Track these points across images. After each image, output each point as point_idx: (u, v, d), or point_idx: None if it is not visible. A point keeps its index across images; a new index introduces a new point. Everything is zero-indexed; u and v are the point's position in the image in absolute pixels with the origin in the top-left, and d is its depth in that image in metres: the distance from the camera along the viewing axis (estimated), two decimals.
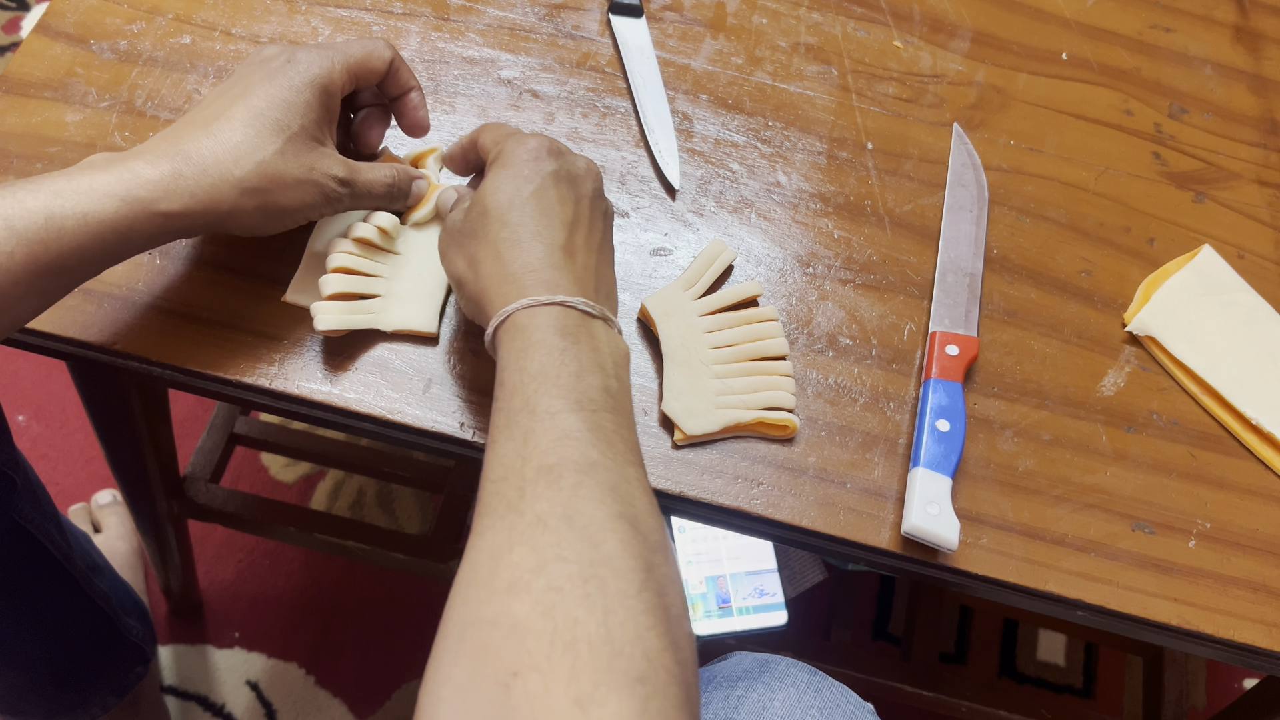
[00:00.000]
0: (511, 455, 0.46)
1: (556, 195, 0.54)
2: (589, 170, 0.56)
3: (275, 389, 0.58)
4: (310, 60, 0.56)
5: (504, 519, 0.43)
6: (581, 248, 0.53)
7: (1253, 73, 0.80)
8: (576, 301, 0.50)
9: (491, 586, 0.41)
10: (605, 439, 0.46)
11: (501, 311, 0.50)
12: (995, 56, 0.78)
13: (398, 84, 0.61)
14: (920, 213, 0.70)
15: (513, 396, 0.48)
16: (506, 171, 0.54)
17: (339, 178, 0.57)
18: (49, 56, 0.66)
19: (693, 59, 0.74)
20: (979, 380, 0.65)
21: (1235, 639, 0.59)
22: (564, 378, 0.48)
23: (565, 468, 0.44)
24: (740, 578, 0.91)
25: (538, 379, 0.47)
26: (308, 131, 0.55)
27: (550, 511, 0.43)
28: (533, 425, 0.46)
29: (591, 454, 0.45)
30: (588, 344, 0.50)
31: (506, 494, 0.44)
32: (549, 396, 0.47)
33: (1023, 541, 0.60)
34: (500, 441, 0.47)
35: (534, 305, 0.50)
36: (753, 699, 0.53)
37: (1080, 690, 1.18)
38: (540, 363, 0.48)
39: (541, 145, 0.55)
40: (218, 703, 1.09)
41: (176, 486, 0.92)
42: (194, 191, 0.52)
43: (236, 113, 0.54)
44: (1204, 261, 0.70)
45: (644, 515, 0.45)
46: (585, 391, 0.48)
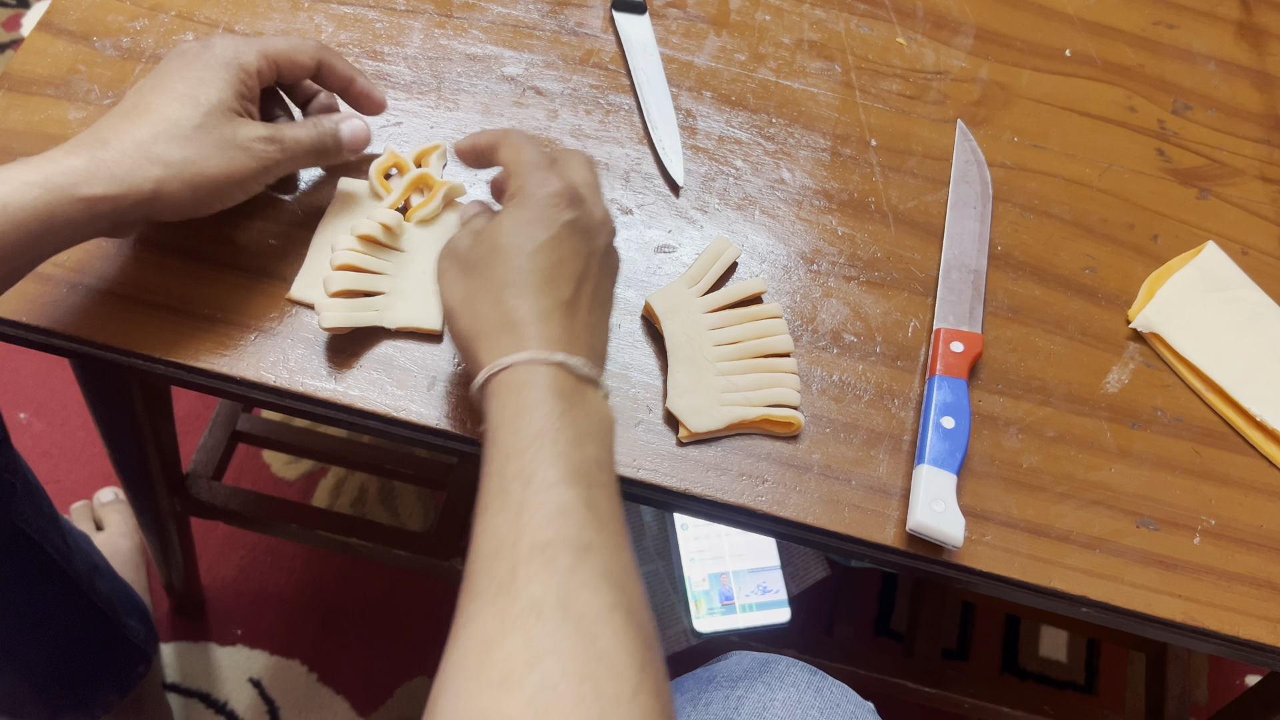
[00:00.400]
0: (504, 528, 0.44)
1: (571, 247, 0.52)
2: (604, 223, 0.55)
3: (279, 386, 0.58)
4: (225, 43, 0.57)
5: (495, 603, 0.41)
6: (585, 305, 0.52)
7: (1256, 69, 0.80)
8: (576, 363, 0.49)
9: (481, 679, 0.39)
10: (599, 518, 0.44)
11: (497, 362, 0.49)
12: (999, 53, 0.78)
13: (336, 77, 0.62)
14: (924, 209, 0.70)
15: (507, 462, 0.46)
16: (524, 213, 0.52)
17: (263, 137, 0.57)
18: (51, 54, 0.66)
19: (696, 55, 0.74)
20: (983, 377, 0.65)
21: (1240, 635, 0.59)
22: (561, 445, 0.46)
23: (561, 547, 0.42)
24: (743, 575, 0.91)
25: (535, 444, 0.45)
26: (225, 104, 0.55)
27: (545, 598, 0.41)
28: (527, 496, 0.44)
29: (588, 534, 0.43)
30: (582, 410, 0.48)
31: (498, 573, 0.42)
32: (545, 465, 0.45)
33: (1027, 538, 0.60)
34: (492, 511, 0.45)
35: (533, 362, 0.48)
36: (753, 699, 0.52)
37: (1083, 686, 1.19)
38: (538, 425, 0.46)
39: (563, 191, 0.53)
40: (220, 700, 1.09)
41: (179, 484, 0.92)
42: (114, 173, 0.52)
43: (153, 98, 0.54)
44: (1208, 258, 0.70)
45: (638, 606, 0.43)
46: (581, 463, 0.46)
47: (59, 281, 0.59)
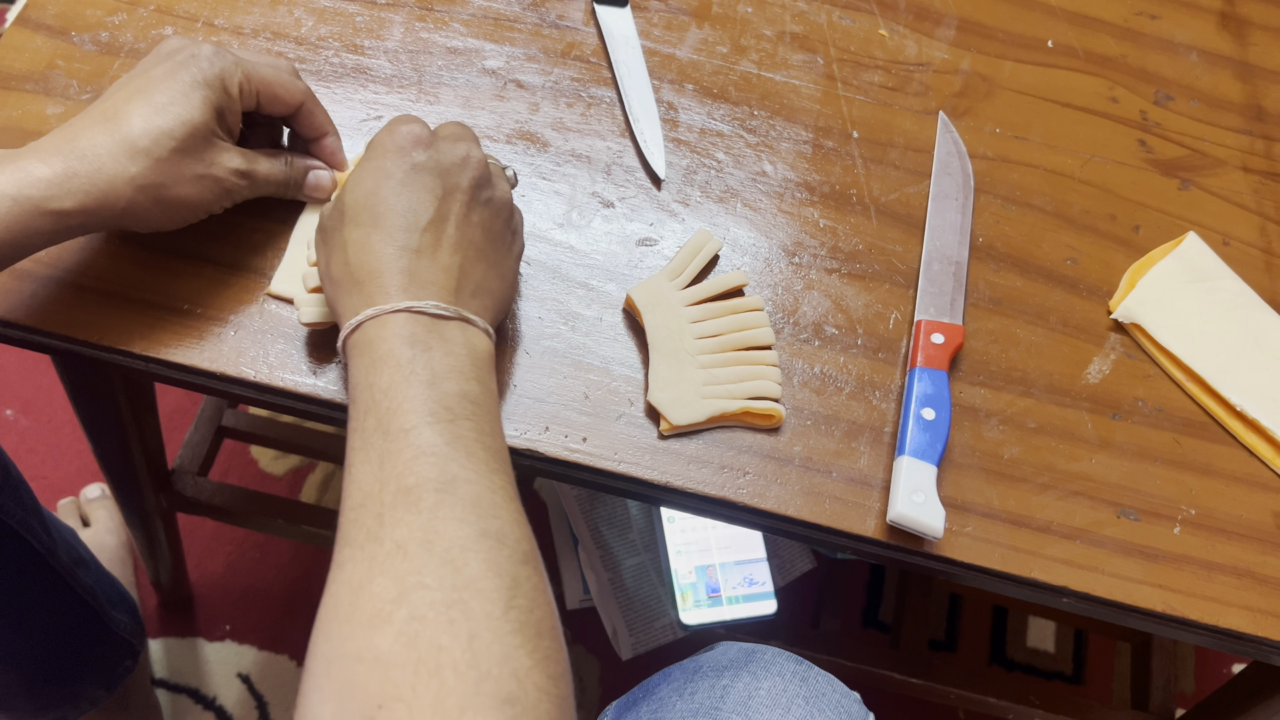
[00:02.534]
0: (369, 479, 0.44)
1: (421, 188, 0.51)
2: (466, 160, 0.53)
3: (259, 381, 0.58)
4: (213, 58, 0.55)
5: (364, 549, 0.42)
6: (447, 246, 0.51)
7: (1238, 59, 0.80)
8: (426, 305, 0.49)
9: (353, 620, 0.40)
10: (465, 449, 0.45)
11: (349, 323, 0.49)
12: (981, 44, 0.78)
13: (312, 127, 0.61)
14: (906, 201, 0.70)
15: (366, 416, 0.46)
16: (369, 164, 0.52)
17: (238, 170, 0.56)
18: (30, 48, 0.66)
19: (678, 48, 0.74)
20: (964, 368, 0.65)
21: (1220, 625, 0.60)
22: (415, 389, 0.46)
23: (424, 488, 0.43)
24: (730, 567, 0.91)
25: (388, 394, 0.46)
26: (207, 125, 0.54)
27: (410, 537, 0.42)
28: (387, 446, 0.45)
29: (451, 468, 0.44)
30: (440, 349, 0.48)
31: (365, 521, 0.43)
32: (401, 413, 0.45)
33: (1008, 529, 0.60)
34: (356, 465, 0.45)
35: (379, 314, 0.48)
36: (738, 688, 0.53)
37: (1070, 676, 1.19)
38: (389, 377, 0.47)
39: (410, 133, 0.52)
40: (209, 695, 1.09)
41: (164, 480, 0.92)
42: (88, 189, 0.51)
43: (134, 108, 0.53)
44: (1189, 248, 0.70)
45: (509, 527, 0.44)
46: (440, 400, 0.46)
47: (36, 277, 0.59)
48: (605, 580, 0.92)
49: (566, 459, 0.58)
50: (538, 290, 0.63)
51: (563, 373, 0.61)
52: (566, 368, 0.61)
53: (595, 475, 0.59)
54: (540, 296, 0.63)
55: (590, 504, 0.94)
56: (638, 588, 0.92)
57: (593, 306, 0.63)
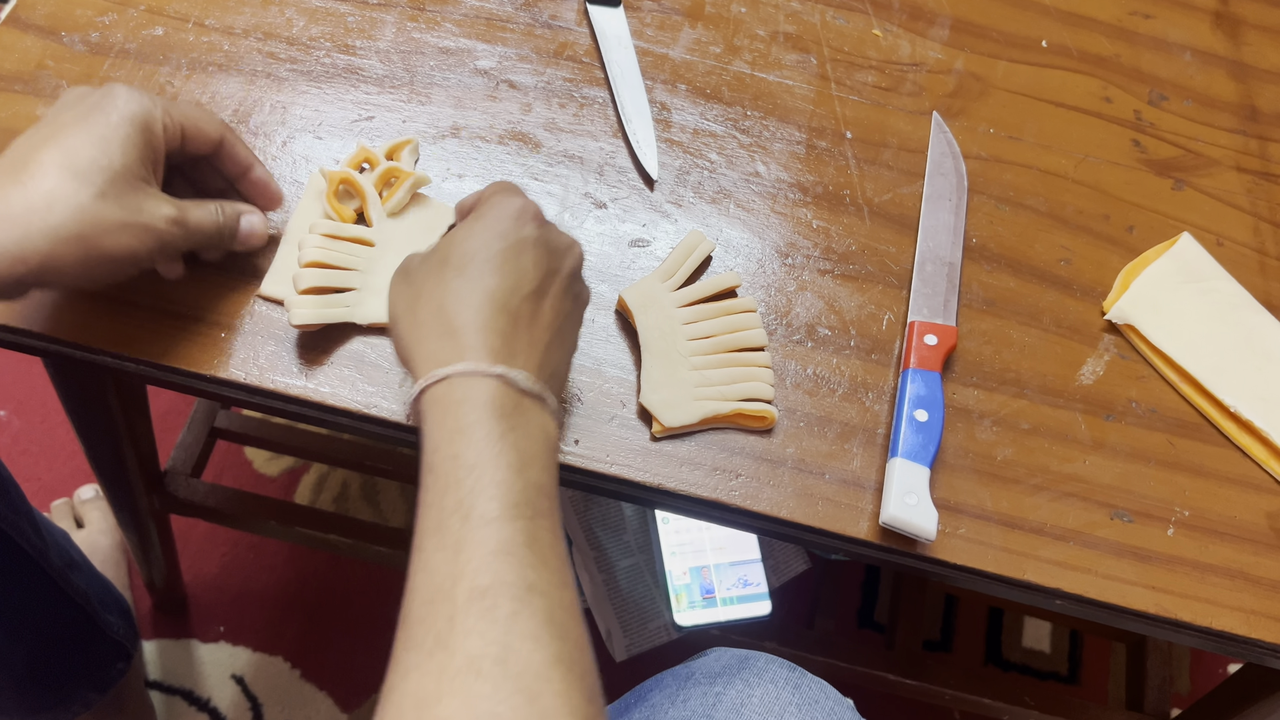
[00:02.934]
0: (441, 570, 0.42)
1: (530, 260, 0.50)
2: (571, 249, 0.53)
3: (251, 384, 0.58)
4: (129, 96, 0.51)
5: (433, 657, 0.39)
6: (542, 323, 0.49)
7: (1232, 59, 0.80)
8: (517, 376, 0.46)
9: None
10: (541, 555, 0.43)
11: (434, 374, 0.46)
12: (974, 44, 0.77)
13: (235, 162, 0.57)
14: (899, 202, 0.70)
15: (445, 493, 0.43)
16: (482, 223, 0.50)
17: (171, 217, 0.52)
18: (19, 49, 0.66)
19: (671, 48, 0.73)
20: (957, 370, 0.65)
21: (1213, 626, 0.60)
22: (501, 473, 0.43)
23: (501, 593, 0.41)
24: (724, 568, 0.91)
25: (474, 473, 0.43)
26: (131, 170, 0.50)
27: (484, 654, 0.39)
28: (465, 533, 0.42)
29: (529, 575, 0.42)
30: (523, 430, 0.46)
31: (435, 623, 0.40)
32: (485, 498, 0.43)
33: (1001, 531, 0.60)
34: (429, 549, 0.42)
35: (472, 374, 0.46)
36: (731, 695, 0.52)
37: (1065, 677, 1.19)
38: (477, 452, 0.44)
39: (528, 208, 0.51)
40: (203, 697, 1.09)
41: (157, 481, 0.92)
42: (5, 246, 0.46)
43: (48, 156, 0.48)
44: (1183, 249, 0.70)
45: (578, 654, 0.41)
46: (523, 492, 0.44)
47: None
48: (600, 582, 0.92)
49: (559, 461, 0.58)
50: None
51: None
52: None
53: (588, 478, 0.59)
54: None
55: (584, 505, 0.94)
56: (632, 589, 0.92)
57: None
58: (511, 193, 0.53)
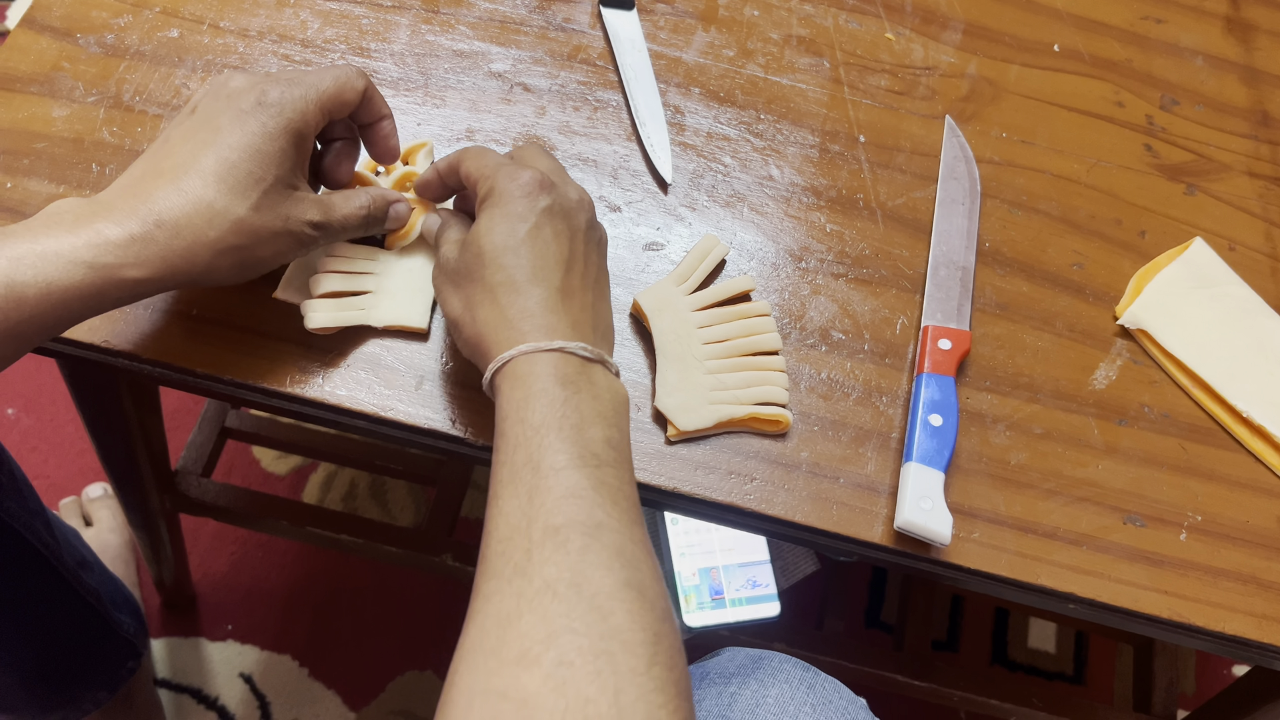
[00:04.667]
0: (517, 514, 0.45)
1: (552, 232, 0.52)
2: (581, 201, 0.55)
3: (266, 386, 0.58)
4: (283, 101, 0.52)
5: (511, 583, 0.43)
6: (579, 287, 0.53)
7: (1244, 64, 0.80)
8: (575, 347, 0.50)
9: (500, 655, 0.41)
10: (610, 497, 0.46)
11: (500, 357, 0.50)
12: (987, 48, 0.78)
13: (370, 112, 0.58)
14: (912, 206, 0.70)
15: (515, 450, 0.47)
16: (499, 210, 0.52)
17: (314, 222, 0.54)
18: (35, 50, 0.66)
19: (684, 51, 0.73)
20: (971, 374, 0.65)
21: (1225, 631, 0.60)
22: (566, 430, 0.47)
23: (572, 529, 0.44)
24: (733, 569, 0.91)
25: (540, 431, 0.47)
26: (283, 180, 0.52)
27: (559, 578, 0.42)
28: (537, 482, 0.45)
29: (598, 514, 0.45)
30: (588, 392, 0.49)
31: (513, 555, 0.44)
32: (553, 451, 0.46)
33: (1015, 535, 0.60)
34: (504, 498, 0.46)
35: (533, 352, 0.49)
36: (746, 696, 0.53)
37: (1071, 677, 1.19)
38: (542, 414, 0.47)
39: (534, 180, 0.53)
40: (211, 695, 1.09)
41: (168, 481, 0.92)
42: (165, 256, 0.49)
43: (207, 165, 0.50)
44: (1195, 254, 0.70)
45: (650, 581, 0.44)
46: (589, 445, 0.47)
47: None
48: None
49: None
50: None
51: None
52: None
53: None
54: None
55: None
56: None
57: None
58: (515, 171, 0.53)
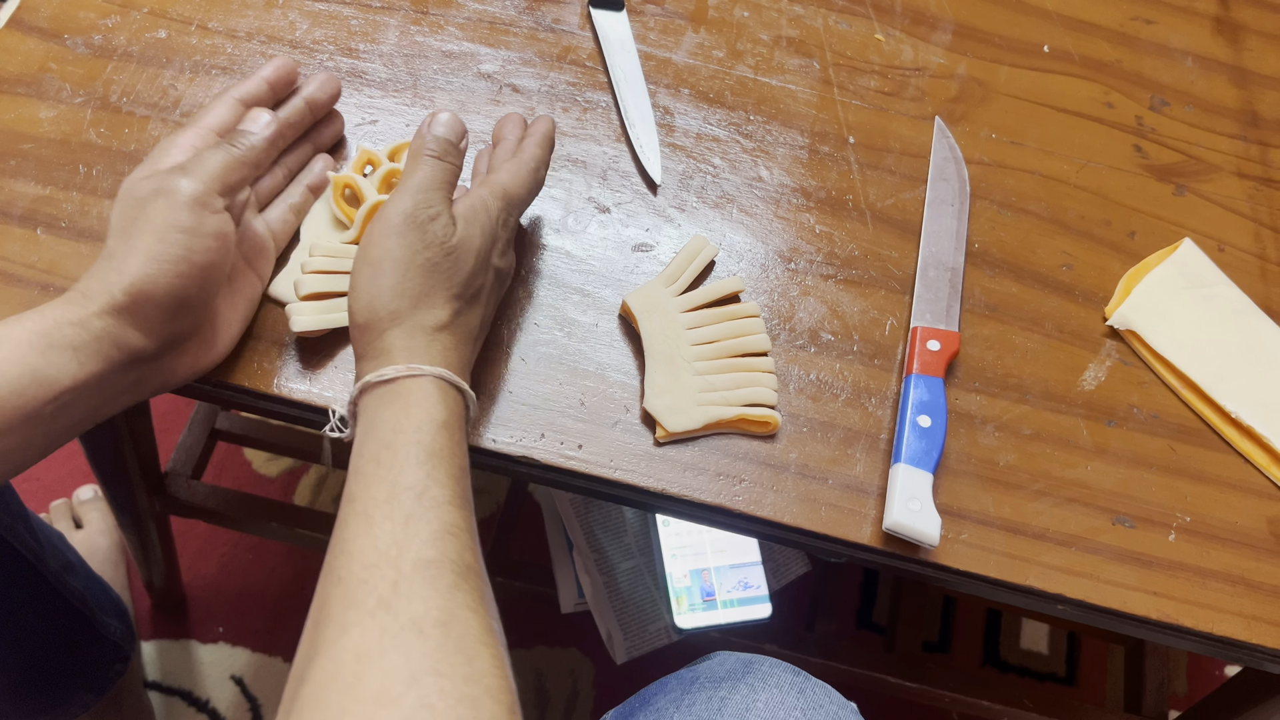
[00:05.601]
0: (387, 539, 0.43)
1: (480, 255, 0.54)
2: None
3: (253, 388, 0.58)
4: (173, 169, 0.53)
5: (374, 616, 0.41)
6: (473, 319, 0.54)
7: (1233, 64, 0.81)
8: (458, 381, 0.50)
9: (356, 693, 0.39)
10: (477, 546, 0.46)
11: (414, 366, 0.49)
12: (977, 49, 0.78)
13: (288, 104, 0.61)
14: (902, 207, 0.70)
15: (403, 471, 0.46)
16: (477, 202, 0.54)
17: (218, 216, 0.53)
18: (22, 51, 0.66)
19: (674, 52, 0.73)
20: (960, 375, 0.65)
21: (1214, 632, 0.60)
22: (454, 468, 0.47)
23: (445, 566, 0.43)
24: (725, 571, 0.91)
25: (433, 460, 0.46)
26: None
27: (426, 615, 0.41)
28: (417, 510, 0.44)
29: (468, 557, 0.44)
30: (459, 433, 0.50)
31: (378, 586, 0.42)
32: (439, 485, 0.46)
33: (1004, 536, 0.60)
34: (378, 519, 0.44)
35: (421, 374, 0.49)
36: (736, 700, 0.52)
37: (1063, 678, 1.19)
38: (440, 445, 0.47)
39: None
40: (202, 698, 1.08)
41: (158, 483, 0.92)
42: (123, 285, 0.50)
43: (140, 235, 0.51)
44: (1184, 255, 0.70)
45: (501, 635, 0.44)
46: (466, 489, 0.48)
47: (30, 282, 0.58)
48: (600, 584, 0.92)
49: (562, 466, 0.58)
50: (534, 296, 0.63)
51: (558, 379, 0.60)
52: (562, 374, 0.61)
53: (591, 482, 0.59)
54: (536, 302, 0.63)
55: (585, 508, 0.94)
56: (633, 592, 0.92)
57: (589, 312, 0.63)
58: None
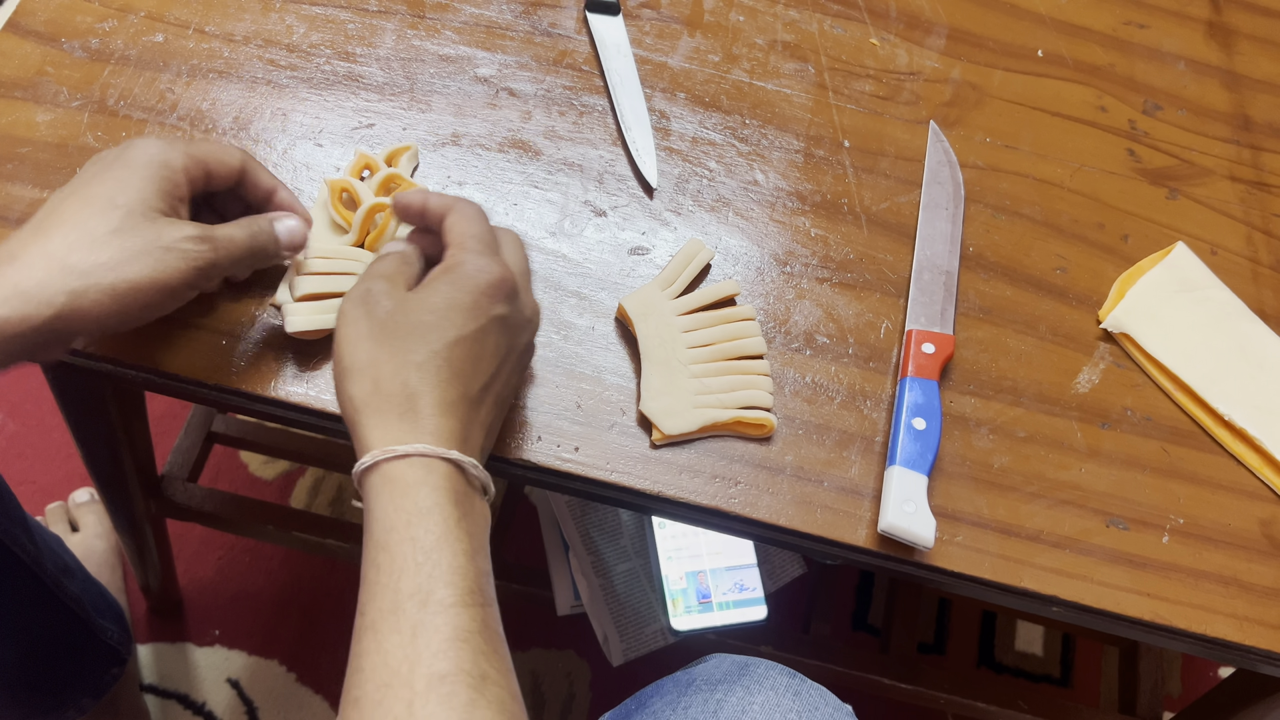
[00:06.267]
0: (398, 654, 0.42)
1: (494, 342, 0.50)
2: (531, 320, 0.53)
3: (250, 391, 0.58)
4: (146, 144, 0.52)
5: None
6: (489, 404, 0.50)
7: (1225, 69, 0.81)
8: (469, 464, 0.47)
9: None
10: (492, 643, 0.44)
11: (391, 448, 0.46)
12: (971, 53, 0.78)
13: (257, 186, 0.57)
14: (897, 211, 0.70)
15: (401, 575, 0.44)
16: (457, 295, 0.49)
17: (191, 236, 0.51)
18: (19, 55, 0.66)
19: (670, 56, 0.74)
20: (955, 378, 0.65)
21: (1207, 633, 0.60)
22: (459, 560, 0.44)
23: (459, 681, 0.41)
24: (720, 573, 0.91)
25: (431, 557, 0.44)
26: (148, 203, 0.50)
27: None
28: (424, 619, 0.43)
29: (482, 664, 0.42)
30: (472, 516, 0.47)
31: (393, 707, 0.41)
32: (442, 584, 0.43)
33: (998, 538, 0.61)
34: (384, 631, 0.43)
35: (429, 456, 0.46)
36: (732, 702, 0.53)
37: (1058, 679, 1.20)
38: (436, 535, 0.44)
39: (503, 282, 0.51)
40: (198, 701, 1.08)
41: (154, 486, 0.92)
42: (21, 289, 0.46)
43: (68, 206, 0.50)
44: (1177, 258, 0.71)
45: None
46: (476, 579, 0.45)
47: None
48: (596, 586, 0.92)
49: (559, 469, 0.59)
50: None
51: (555, 382, 0.61)
52: (559, 377, 0.61)
53: (588, 485, 0.59)
54: None
55: (581, 510, 0.94)
56: (629, 594, 0.92)
57: (585, 315, 0.63)
58: (487, 260, 0.51)
